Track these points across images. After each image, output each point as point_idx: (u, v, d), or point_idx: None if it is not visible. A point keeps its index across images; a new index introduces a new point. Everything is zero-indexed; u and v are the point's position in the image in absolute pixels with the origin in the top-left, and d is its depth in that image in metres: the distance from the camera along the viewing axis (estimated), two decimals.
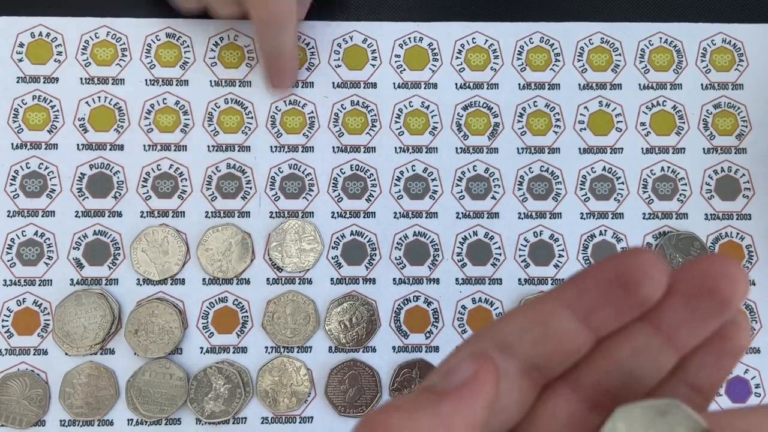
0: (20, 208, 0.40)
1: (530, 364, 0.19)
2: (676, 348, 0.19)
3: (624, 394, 0.20)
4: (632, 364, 0.19)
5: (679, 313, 0.19)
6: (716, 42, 0.43)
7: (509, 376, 0.19)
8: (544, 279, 0.41)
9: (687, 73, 0.43)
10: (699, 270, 0.19)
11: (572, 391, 0.20)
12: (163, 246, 0.40)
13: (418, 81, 0.43)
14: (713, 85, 0.43)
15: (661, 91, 0.43)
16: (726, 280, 0.18)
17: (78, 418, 0.39)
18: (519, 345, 0.19)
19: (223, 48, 0.42)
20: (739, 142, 0.43)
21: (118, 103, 0.41)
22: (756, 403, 0.40)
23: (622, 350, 0.20)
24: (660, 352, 0.19)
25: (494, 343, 0.20)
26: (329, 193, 0.41)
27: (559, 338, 0.19)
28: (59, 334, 0.39)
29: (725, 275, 0.18)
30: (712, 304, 0.18)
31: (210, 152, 0.41)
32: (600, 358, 0.20)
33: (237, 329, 0.40)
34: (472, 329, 0.40)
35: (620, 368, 0.20)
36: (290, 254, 0.40)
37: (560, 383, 0.20)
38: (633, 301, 0.19)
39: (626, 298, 0.19)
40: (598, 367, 0.20)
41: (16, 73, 0.41)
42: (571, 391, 0.20)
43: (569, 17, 0.43)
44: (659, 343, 0.19)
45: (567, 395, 0.20)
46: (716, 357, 0.20)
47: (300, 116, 0.42)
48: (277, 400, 0.39)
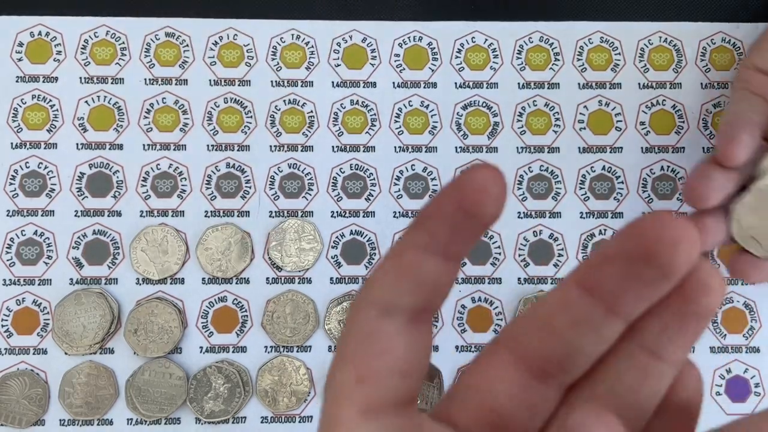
0: (20, 208, 0.40)
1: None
2: (620, 317, 0.18)
3: (569, 363, 0.19)
4: (573, 335, 0.18)
5: (619, 281, 0.17)
6: (715, 41, 0.43)
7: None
8: (544, 278, 0.41)
9: (686, 72, 0.43)
10: (636, 232, 0.17)
11: (515, 360, 0.19)
12: (162, 245, 0.40)
13: (417, 80, 0.43)
14: (713, 85, 0.43)
15: (661, 90, 0.43)
16: (665, 243, 0.16)
17: (77, 418, 0.39)
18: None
19: (223, 47, 0.42)
20: None
21: (118, 103, 0.41)
22: (756, 402, 0.40)
23: (561, 321, 0.18)
24: (602, 323, 0.18)
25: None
26: (329, 192, 0.41)
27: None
28: (59, 334, 0.39)
29: (664, 237, 0.16)
30: (653, 271, 0.17)
31: (209, 151, 0.41)
32: (540, 329, 0.19)
33: (236, 329, 0.40)
34: (472, 329, 0.40)
35: (561, 339, 0.19)
36: (290, 253, 0.40)
37: (503, 350, 0.20)
38: (477, 225, 0.18)
39: (471, 223, 0.17)
40: (540, 338, 0.19)
41: (15, 72, 0.41)
42: (515, 359, 0.19)
43: (569, 16, 0.43)
44: (601, 313, 0.18)
45: (508, 363, 0.19)
46: (679, 320, 0.18)
47: (299, 115, 0.42)
48: (276, 400, 0.39)
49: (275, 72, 0.42)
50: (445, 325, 0.40)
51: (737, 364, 0.40)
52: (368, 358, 0.18)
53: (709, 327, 0.41)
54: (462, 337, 0.40)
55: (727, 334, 0.40)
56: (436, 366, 0.39)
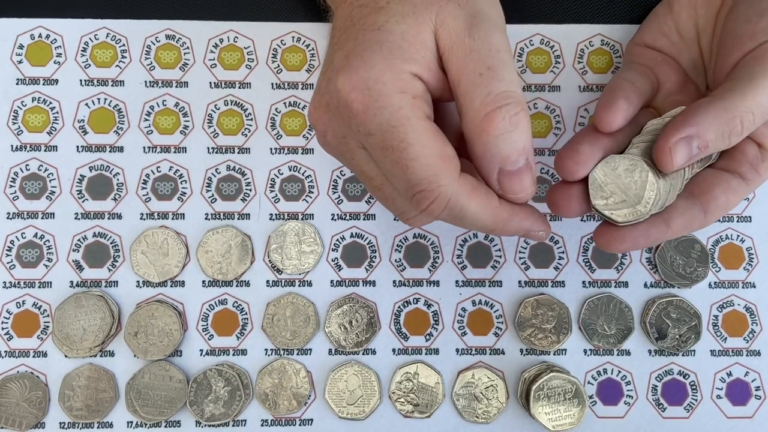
0: (20, 210, 0.40)
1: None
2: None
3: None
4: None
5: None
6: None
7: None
8: (545, 281, 0.41)
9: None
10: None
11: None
12: (162, 248, 0.40)
13: None
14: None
15: None
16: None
17: (77, 421, 0.39)
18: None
19: (223, 50, 0.42)
20: None
21: (118, 105, 0.41)
22: (756, 405, 0.40)
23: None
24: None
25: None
26: (329, 195, 0.41)
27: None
28: (59, 337, 0.39)
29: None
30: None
31: (210, 154, 0.41)
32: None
33: (237, 331, 0.40)
34: (473, 332, 0.40)
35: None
36: (290, 256, 0.40)
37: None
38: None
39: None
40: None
41: (15, 74, 0.41)
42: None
43: (569, 19, 0.43)
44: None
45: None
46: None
47: (300, 118, 0.42)
48: (276, 403, 0.39)
49: (276, 74, 0.42)
50: (445, 328, 0.40)
51: (738, 368, 0.40)
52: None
53: (710, 330, 0.40)
54: (462, 340, 0.40)
55: (728, 337, 0.40)
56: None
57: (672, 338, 0.40)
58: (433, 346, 0.40)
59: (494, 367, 0.40)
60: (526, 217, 0.32)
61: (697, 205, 0.33)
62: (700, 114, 0.30)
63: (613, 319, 0.40)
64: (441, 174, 0.28)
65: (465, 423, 0.39)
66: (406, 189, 0.29)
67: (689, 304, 0.40)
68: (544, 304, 0.40)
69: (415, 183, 0.28)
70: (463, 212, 0.29)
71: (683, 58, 0.38)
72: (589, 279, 0.41)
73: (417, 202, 0.29)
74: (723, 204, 0.33)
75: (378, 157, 0.29)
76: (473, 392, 0.39)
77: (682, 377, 0.40)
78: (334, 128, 0.30)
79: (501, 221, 0.31)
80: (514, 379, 0.40)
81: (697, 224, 0.33)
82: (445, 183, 0.28)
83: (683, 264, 0.41)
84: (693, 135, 0.30)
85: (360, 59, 0.28)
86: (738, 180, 0.34)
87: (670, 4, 0.38)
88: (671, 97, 0.37)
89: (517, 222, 0.31)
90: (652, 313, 0.40)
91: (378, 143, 0.28)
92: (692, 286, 0.41)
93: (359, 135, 0.29)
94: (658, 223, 0.33)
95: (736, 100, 0.30)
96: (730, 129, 0.30)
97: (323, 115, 0.30)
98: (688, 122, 0.30)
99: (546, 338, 0.40)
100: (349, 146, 0.30)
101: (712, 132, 0.30)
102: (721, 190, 0.33)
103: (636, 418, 0.40)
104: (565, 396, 0.38)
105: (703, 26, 0.37)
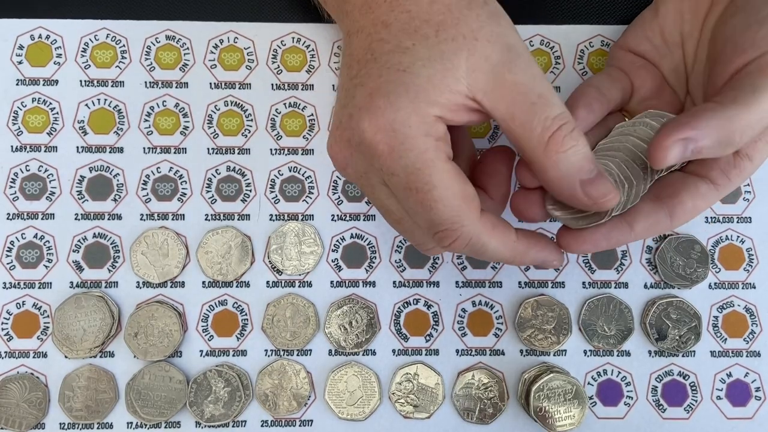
0: (20, 211, 0.40)
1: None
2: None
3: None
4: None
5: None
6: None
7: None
8: (544, 282, 0.41)
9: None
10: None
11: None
12: (162, 249, 0.40)
13: None
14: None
15: None
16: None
17: (77, 421, 0.39)
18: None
19: (223, 50, 0.42)
20: None
21: (118, 106, 0.41)
22: (756, 406, 0.40)
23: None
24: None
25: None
26: (329, 195, 0.41)
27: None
28: (59, 337, 0.39)
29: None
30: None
31: (210, 155, 0.41)
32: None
33: (237, 332, 0.40)
34: (473, 332, 0.40)
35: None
36: (290, 257, 0.40)
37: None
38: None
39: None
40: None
41: (15, 75, 0.41)
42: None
43: (569, 20, 0.43)
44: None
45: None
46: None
47: (300, 119, 0.42)
48: (276, 403, 0.39)
49: (276, 75, 0.42)
50: (445, 329, 0.40)
51: (738, 369, 0.40)
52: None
53: (710, 331, 0.40)
54: (462, 341, 0.40)
55: (728, 338, 0.40)
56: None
57: (672, 339, 0.40)
58: (433, 346, 0.40)
59: (494, 368, 0.40)
60: (542, 249, 0.33)
61: (664, 209, 0.33)
62: (704, 119, 0.30)
63: (613, 320, 0.40)
64: (464, 215, 0.30)
65: (465, 424, 0.39)
66: (428, 227, 0.30)
67: (689, 305, 0.40)
68: (544, 305, 0.40)
69: (438, 223, 0.30)
70: (484, 248, 0.31)
71: (664, 63, 0.38)
72: (589, 280, 0.41)
73: (439, 239, 0.30)
74: (690, 209, 0.33)
75: (401, 196, 0.30)
76: (473, 393, 0.39)
77: (682, 378, 0.40)
78: (356, 164, 0.31)
79: (519, 254, 0.32)
80: (514, 379, 0.40)
81: (662, 228, 0.33)
82: (467, 223, 0.30)
83: (683, 265, 0.41)
84: (691, 138, 0.30)
85: (386, 101, 0.28)
86: (708, 185, 0.34)
87: (656, 9, 0.38)
88: (646, 102, 0.37)
89: (533, 254, 0.33)
90: (652, 314, 0.40)
91: (402, 183, 0.29)
92: (692, 286, 0.41)
93: (382, 174, 0.30)
94: (621, 226, 0.33)
95: (741, 112, 0.30)
96: (729, 140, 0.30)
97: (344, 150, 0.31)
98: (690, 125, 0.30)
99: (546, 339, 0.40)
100: (371, 182, 0.31)
101: (710, 139, 0.30)
102: (689, 195, 0.33)
103: (636, 418, 0.40)
104: (565, 397, 0.38)
105: (688, 32, 0.37)
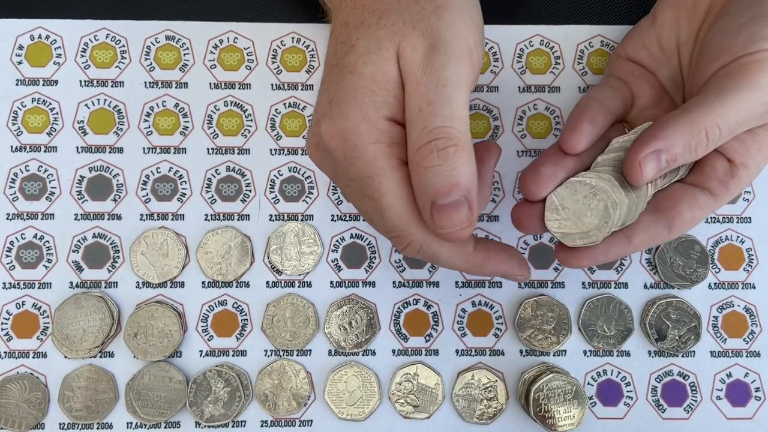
0: (19, 211, 0.40)
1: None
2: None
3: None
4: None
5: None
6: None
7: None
8: (544, 282, 0.41)
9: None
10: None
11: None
12: (162, 249, 0.40)
13: None
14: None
15: None
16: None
17: (77, 422, 0.39)
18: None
19: (223, 50, 0.42)
20: None
21: (118, 106, 0.41)
22: (756, 407, 0.40)
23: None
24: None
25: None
26: (329, 196, 0.41)
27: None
28: (58, 337, 0.39)
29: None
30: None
31: (209, 155, 0.41)
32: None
33: (236, 332, 0.40)
34: (472, 332, 0.40)
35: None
36: (290, 257, 0.40)
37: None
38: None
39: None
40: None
41: (15, 75, 0.41)
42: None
43: (569, 20, 0.43)
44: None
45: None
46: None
47: (300, 119, 0.42)
48: (276, 404, 0.39)
49: (275, 75, 0.42)
50: (445, 329, 0.40)
51: (738, 369, 0.40)
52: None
53: (710, 331, 0.40)
54: (462, 341, 0.40)
55: (728, 338, 0.40)
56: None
57: (672, 339, 0.40)
58: (433, 347, 0.40)
59: (494, 368, 0.40)
60: (501, 262, 0.33)
61: (662, 220, 0.33)
62: (668, 128, 0.31)
63: (613, 320, 0.40)
64: (412, 223, 0.30)
65: (465, 424, 0.39)
66: (384, 232, 0.31)
67: (689, 305, 0.40)
68: (543, 305, 0.40)
69: (390, 229, 0.30)
70: (437, 256, 0.31)
71: (662, 72, 0.38)
72: (588, 280, 0.41)
73: (394, 243, 0.31)
74: (689, 220, 0.34)
75: (359, 200, 0.31)
76: (473, 393, 0.39)
77: (682, 378, 0.40)
78: (326, 166, 0.32)
79: (475, 266, 0.32)
80: (513, 380, 0.40)
81: (660, 239, 0.34)
82: (415, 232, 0.30)
83: (683, 265, 0.41)
84: (662, 149, 0.30)
85: (338, 109, 0.29)
86: (706, 195, 0.34)
87: (654, 17, 0.38)
88: (645, 111, 0.37)
89: (491, 266, 0.33)
90: (652, 314, 0.40)
91: (358, 189, 0.30)
92: (692, 287, 0.41)
93: (344, 178, 0.31)
94: (619, 240, 0.33)
95: (701, 114, 0.31)
96: (696, 142, 0.31)
97: (316, 153, 0.32)
98: (656, 137, 0.31)
99: (546, 339, 0.40)
100: (340, 183, 0.32)
101: (680, 145, 0.31)
102: (687, 205, 0.34)
103: (636, 419, 0.40)
104: (565, 397, 0.38)
105: (684, 40, 0.37)
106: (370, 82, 0.29)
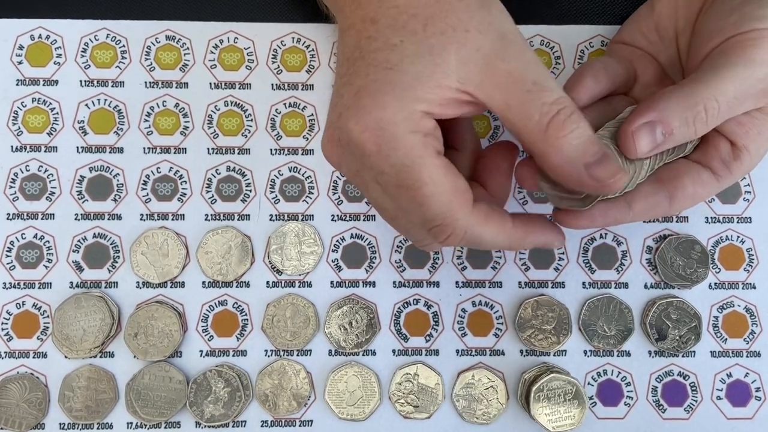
0: (20, 211, 0.40)
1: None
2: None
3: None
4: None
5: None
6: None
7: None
8: (545, 282, 0.41)
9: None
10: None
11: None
12: (162, 249, 0.40)
13: None
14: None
15: None
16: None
17: (77, 422, 0.39)
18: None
19: (223, 50, 0.42)
20: None
21: (118, 106, 0.41)
22: (756, 407, 0.40)
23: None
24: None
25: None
26: (329, 196, 0.41)
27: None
28: (59, 337, 0.39)
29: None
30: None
31: (210, 155, 0.41)
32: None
33: (237, 332, 0.40)
34: (473, 332, 0.40)
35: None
36: (290, 257, 0.40)
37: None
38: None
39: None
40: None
41: (15, 75, 0.41)
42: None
43: (569, 20, 0.43)
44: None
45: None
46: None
47: (300, 119, 0.42)
48: (276, 404, 0.39)
49: (276, 75, 0.42)
50: (445, 329, 0.40)
51: (738, 369, 0.40)
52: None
53: (710, 331, 0.40)
54: (462, 341, 0.40)
55: (728, 338, 0.40)
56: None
57: (672, 339, 0.40)
58: (433, 347, 0.40)
59: (494, 368, 0.40)
60: (541, 233, 0.33)
61: (664, 191, 0.34)
62: (663, 100, 0.31)
63: (613, 320, 0.40)
64: (456, 208, 0.29)
65: (465, 424, 0.39)
66: (422, 223, 0.30)
67: (689, 305, 0.40)
68: (544, 305, 0.40)
69: (431, 218, 0.29)
70: (481, 239, 0.31)
71: (661, 57, 0.38)
72: (589, 280, 0.41)
73: (434, 235, 0.30)
74: (690, 194, 0.34)
75: (393, 193, 0.30)
76: (473, 393, 0.39)
77: (682, 378, 0.40)
78: (348, 163, 0.31)
79: (516, 240, 0.32)
80: (514, 380, 0.40)
81: (661, 210, 0.34)
82: (460, 217, 0.30)
83: (683, 265, 0.41)
84: (656, 120, 0.31)
85: (372, 99, 0.28)
86: (709, 174, 0.34)
87: (652, 5, 0.39)
88: (650, 89, 0.37)
89: (532, 238, 0.33)
90: (652, 314, 0.40)
91: (392, 181, 0.29)
92: (692, 287, 0.41)
93: (373, 172, 0.30)
94: (619, 204, 0.33)
95: (699, 88, 0.31)
96: (694, 115, 0.31)
97: (336, 149, 0.31)
98: (650, 107, 0.31)
99: (546, 339, 0.40)
100: (364, 180, 0.31)
101: (676, 118, 0.31)
102: (690, 180, 0.34)
103: (636, 419, 0.40)
104: (565, 397, 0.38)
105: (682, 27, 0.37)
106: (413, 79, 0.28)
